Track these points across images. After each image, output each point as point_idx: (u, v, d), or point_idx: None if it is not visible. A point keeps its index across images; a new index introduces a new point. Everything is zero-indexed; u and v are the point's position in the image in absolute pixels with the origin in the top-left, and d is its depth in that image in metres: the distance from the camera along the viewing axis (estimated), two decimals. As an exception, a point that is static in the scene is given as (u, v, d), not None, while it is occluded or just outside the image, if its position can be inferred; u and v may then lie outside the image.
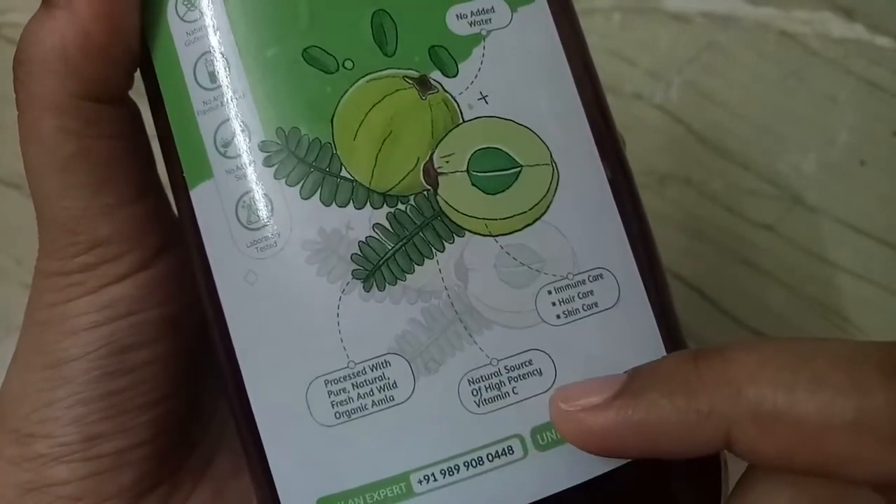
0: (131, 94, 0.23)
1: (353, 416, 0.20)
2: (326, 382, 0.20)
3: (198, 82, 0.21)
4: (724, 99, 0.44)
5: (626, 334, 0.21)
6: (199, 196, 0.21)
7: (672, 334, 0.22)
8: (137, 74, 0.23)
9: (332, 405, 0.20)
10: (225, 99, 0.21)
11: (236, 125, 0.21)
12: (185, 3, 0.21)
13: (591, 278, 0.21)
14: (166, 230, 0.24)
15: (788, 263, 0.42)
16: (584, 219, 0.21)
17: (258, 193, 0.20)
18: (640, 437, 0.19)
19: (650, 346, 0.21)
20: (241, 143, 0.21)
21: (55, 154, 0.22)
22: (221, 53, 0.21)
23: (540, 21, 0.22)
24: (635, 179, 0.23)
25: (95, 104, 0.22)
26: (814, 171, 0.43)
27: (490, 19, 0.22)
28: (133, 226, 0.23)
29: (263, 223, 0.20)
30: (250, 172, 0.21)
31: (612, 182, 0.22)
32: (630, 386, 0.19)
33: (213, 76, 0.21)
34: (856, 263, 0.41)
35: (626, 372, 0.20)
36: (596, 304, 0.21)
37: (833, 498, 0.19)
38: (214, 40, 0.21)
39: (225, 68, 0.21)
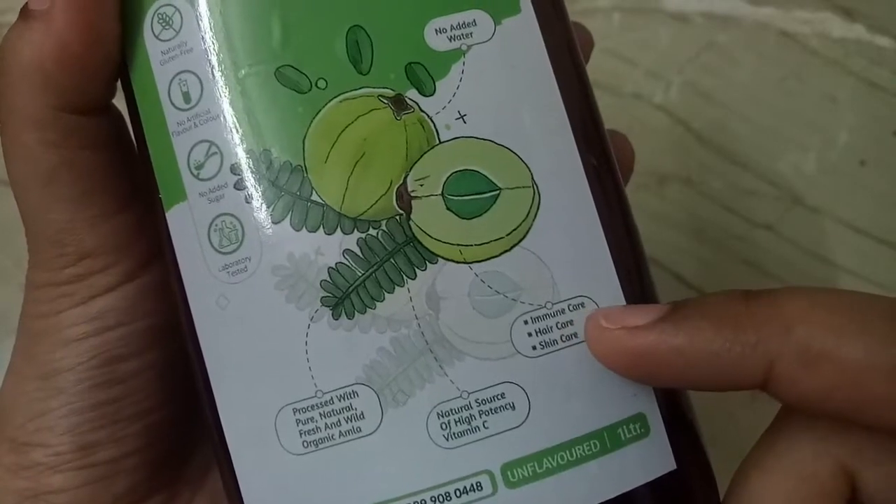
0: (116, 98, 0.23)
1: (320, 446, 0.19)
2: (295, 411, 0.20)
3: (172, 103, 0.21)
4: (724, 99, 0.43)
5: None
6: (174, 218, 0.21)
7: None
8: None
9: (301, 434, 0.20)
10: (198, 120, 0.20)
11: (209, 147, 0.20)
12: (161, 21, 0.21)
13: (571, 307, 0.20)
14: (154, 239, 0.23)
15: (788, 263, 0.41)
16: (566, 244, 0.20)
17: (229, 217, 0.20)
18: (677, 364, 0.18)
19: None
20: (214, 165, 0.20)
21: (38, 167, 0.22)
22: (195, 73, 0.20)
23: (525, 33, 0.21)
24: (627, 197, 0.22)
25: (75, 115, 0.22)
26: (814, 171, 0.42)
27: (471, 33, 0.21)
28: (119, 236, 0.23)
29: (234, 248, 0.20)
30: (222, 196, 0.20)
31: (599, 203, 0.21)
32: (676, 312, 0.19)
33: (186, 97, 0.21)
34: (856, 263, 0.41)
35: (669, 303, 0.19)
36: (575, 335, 0.20)
37: (856, 450, 0.19)
38: (188, 60, 0.21)
39: (198, 89, 0.20)
